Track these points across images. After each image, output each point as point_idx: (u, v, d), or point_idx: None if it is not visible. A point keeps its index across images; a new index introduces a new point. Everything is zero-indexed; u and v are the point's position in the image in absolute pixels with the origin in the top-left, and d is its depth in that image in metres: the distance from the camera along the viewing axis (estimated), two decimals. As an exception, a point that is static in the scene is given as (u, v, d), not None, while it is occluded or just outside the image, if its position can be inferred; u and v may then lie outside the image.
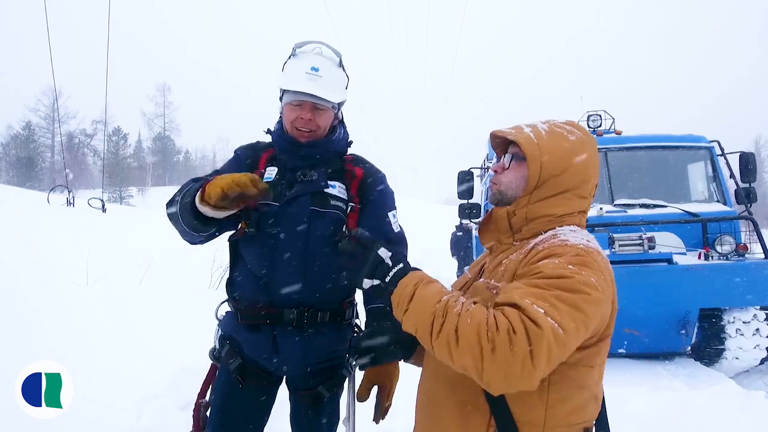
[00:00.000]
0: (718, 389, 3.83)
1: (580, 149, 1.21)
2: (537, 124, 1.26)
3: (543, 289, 1.00)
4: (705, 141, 5.47)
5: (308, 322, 1.68)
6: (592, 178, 1.24)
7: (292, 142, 1.75)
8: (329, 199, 1.73)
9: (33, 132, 48.51)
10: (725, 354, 4.68)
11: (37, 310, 3.69)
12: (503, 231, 1.28)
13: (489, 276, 1.25)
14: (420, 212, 24.76)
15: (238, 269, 1.78)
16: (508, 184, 1.27)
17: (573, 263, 1.04)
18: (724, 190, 5.31)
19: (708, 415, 3.41)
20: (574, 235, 1.14)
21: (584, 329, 1.01)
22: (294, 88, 1.69)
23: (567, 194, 1.20)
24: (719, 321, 4.65)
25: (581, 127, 1.28)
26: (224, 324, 1.82)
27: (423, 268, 1.26)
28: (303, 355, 1.70)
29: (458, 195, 5.67)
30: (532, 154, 1.19)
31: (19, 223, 6.51)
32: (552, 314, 0.96)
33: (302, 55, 1.78)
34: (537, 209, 1.21)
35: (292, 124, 1.73)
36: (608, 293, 1.06)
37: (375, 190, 1.84)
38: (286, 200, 1.68)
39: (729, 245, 4.62)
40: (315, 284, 1.69)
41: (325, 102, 1.72)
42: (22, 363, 1.46)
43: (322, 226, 1.69)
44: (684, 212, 4.80)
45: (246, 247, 1.73)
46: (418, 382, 1.34)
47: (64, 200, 10.71)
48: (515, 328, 0.94)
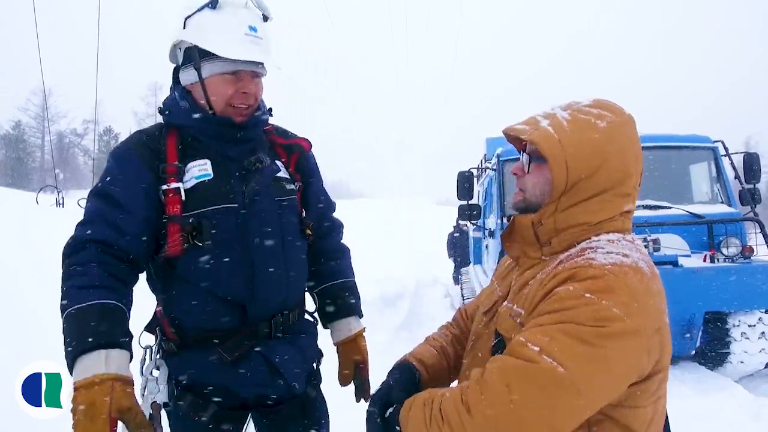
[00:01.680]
0: (726, 395, 3.75)
1: (615, 137, 0.98)
2: (556, 112, 1.03)
3: (546, 325, 0.86)
4: (709, 141, 5.39)
5: (283, 329, 1.45)
6: (635, 169, 1.00)
7: (228, 124, 1.40)
8: (283, 183, 1.48)
9: (23, 131, 47.96)
10: (730, 358, 4.59)
11: (37, 310, 3.65)
12: (529, 243, 1.08)
13: (513, 299, 1.07)
14: (417, 212, 24.73)
15: (184, 293, 1.37)
16: (533, 190, 1.06)
17: (592, 290, 0.86)
18: (729, 191, 5.23)
19: (717, 422, 3.32)
20: (609, 248, 0.95)
21: (602, 369, 0.83)
22: (235, 56, 1.32)
23: (605, 195, 0.98)
24: (724, 324, 4.56)
25: (613, 106, 1.04)
26: (178, 369, 1.39)
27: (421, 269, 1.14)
28: (303, 364, 1.50)
29: (458, 196, 5.57)
30: (554, 154, 0.97)
31: (14, 224, 6.38)
32: (550, 350, 0.82)
33: (229, 7, 1.37)
34: (568, 217, 1.00)
35: (227, 101, 1.38)
36: (644, 322, 0.87)
37: (313, 163, 1.65)
38: (248, 198, 1.38)
39: (735, 247, 4.54)
40: (296, 284, 1.50)
41: (262, 69, 1.41)
42: (22, 363, 1.41)
43: (290, 218, 1.47)
44: (689, 214, 4.72)
45: (194, 265, 1.34)
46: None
47: (53, 201, 10.53)
48: (487, 374, 0.85)
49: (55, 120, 46.86)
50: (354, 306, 1.66)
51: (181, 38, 1.39)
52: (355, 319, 1.66)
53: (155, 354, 1.43)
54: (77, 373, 1.12)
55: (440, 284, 10.78)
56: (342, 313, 1.64)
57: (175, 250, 1.32)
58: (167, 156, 1.36)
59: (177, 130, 1.42)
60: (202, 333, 1.38)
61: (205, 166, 1.38)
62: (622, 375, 0.87)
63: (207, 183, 1.36)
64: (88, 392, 1.08)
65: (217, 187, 1.36)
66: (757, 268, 4.36)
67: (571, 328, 0.84)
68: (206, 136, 1.41)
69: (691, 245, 4.78)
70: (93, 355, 1.13)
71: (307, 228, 1.55)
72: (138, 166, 1.34)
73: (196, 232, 1.32)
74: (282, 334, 1.45)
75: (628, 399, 0.91)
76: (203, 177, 1.36)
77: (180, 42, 1.41)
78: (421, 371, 1.22)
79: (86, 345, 1.13)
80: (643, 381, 0.92)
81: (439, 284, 10.75)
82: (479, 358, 1.12)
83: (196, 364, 1.37)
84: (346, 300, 1.65)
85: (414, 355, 1.27)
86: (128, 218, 1.31)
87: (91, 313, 1.18)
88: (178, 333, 1.39)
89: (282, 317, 1.45)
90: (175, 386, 1.38)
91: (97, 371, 1.11)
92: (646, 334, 0.87)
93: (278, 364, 1.40)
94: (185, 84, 1.44)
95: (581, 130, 0.98)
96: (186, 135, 1.41)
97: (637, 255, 0.95)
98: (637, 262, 0.93)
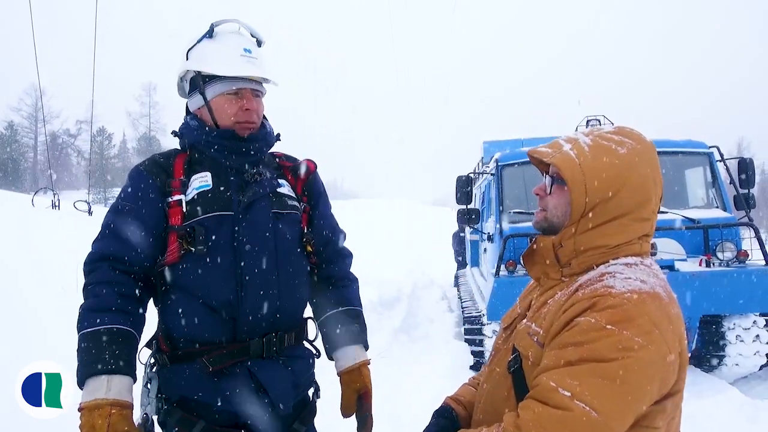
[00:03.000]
0: (721, 397, 3.80)
1: (634, 163, 1.02)
2: (579, 137, 1.08)
3: (573, 365, 0.90)
4: (704, 146, 5.46)
5: (277, 350, 1.45)
6: (654, 194, 1.05)
7: (233, 137, 1.47)
8: (285, 199, 1.53)
9: (15, 132, 47.58)
10: (725, 360, 4.67)
11: (37, 310, 3.66)
12: (550, 264, 1.12)
13: (533, 317, 1.11)
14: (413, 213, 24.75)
15: (177, 303, 1.41)
16: (554, 211, 1.11)
17: (613, 321, 0.90)
18: (724, 196, 5.30)
19: (712, 424, 3.37)
20: (627, 272, 0.98)
21: (631, 402, 0.89)
22: (233, 73, 1.43)
23: (623, 219, 1.03)
24: (719, 328, 4.63)
25: (634, 133, 1.08)
26: (168, 383, 1.42)
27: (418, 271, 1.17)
28: (293, 386, 1.47)
29: (457, 201, 5.61)
30: (574, 177, 1.02)
31: (12, 226, 6.36)
32: (581, 395, 0.86)
33: (224, 35, 1.50)
34: (587, 240, 1.04)
35: (233, 118, 1.47)
36: (663, 348, 0.90)
37: (321, 187, 1.69)
38: (243, 206, 1.43)
39: (730, 252, 4.60)
40: (290, 301, 1.49)
41: (261, 88, 1.52)
42: (22, 363, 1.44)
43: (287, 231, 1.49)
44: (685, 218, 4.78)
45: (188, 272, 1.39)
46: None
47: (49, 203, 10.47)
48: (522, 424, 0.89)
49: (48, 120, 46.55)
50: (359, 335, 1.62)
51: (186, 68, 1.51)
52: (360, 347, 1.61)
53: (148, 368, 1.47)
54: (84, 395, 1.25)
55: (437, 286, 10.79)
56: (346, 341, 1.60)
57: (172, 258, 1.39)
58: (174, 172, 1.47)
59: (188, 152, 1.52)
60: (193, 345, 1.40)
61: (206, 177, 1.46)
62: (648, 401, 0.91)
63: (206, 193, 1.43)
64: (90, 415, 1.22)
65: (215, 196, 1.43)
66: (751, 272, 4.43)
67: (597, 369, 0.87)
68: (211, 149, 1.48)
69: (687, 250, 4.84)
70: (97, 380, 1.25)
71: (308, 244, 1.56)
72: (148, 181, 1.44)
73: (190, 239, 1.37)
74: (276, 356, 1.45)
75: (645, 419, 0.94)
76: (203, 187, 1.44)
77: (185, 73, 1.54)
78: (458, 410, 1.28)
79: (92, 370, 1.25)
80: (660, 402, 0.95)
81: (435, 286, 10.76)
82: (496, 373, 1.16)
83: (183, 376, 1.39)
84: (351, 328, 1.60)
85: (452, 397, 1.34)
86: (137, 230, 1.39)
87: (99, 339, 1.29)
88: (170, 345, 1.43)
89: (276, 337, 1.45)
90: (164, 402, 1.41)
91: (98, 396, 1.23)
92: (667, 360, 0.91)
93: (264, 381, 1.39)
94: (193, 109, 1.55)
95: (601, 155, 1.03)
96: (195, 153, 1.51)
97: (654, 281, 0.98)
98: (654, 288, 0.96)
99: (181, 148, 1.55)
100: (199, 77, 1.47)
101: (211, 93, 1.47)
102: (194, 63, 1.48)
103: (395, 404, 3.75)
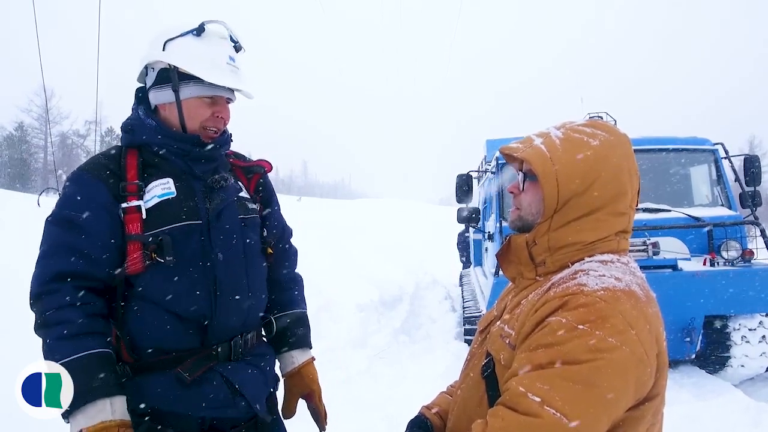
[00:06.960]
0: (726, 399, 3.74)
1: (607, 155, 0.98)
2: (550, 131, 1.04)
3: (543, 368, 0.85)
4: (709, 143, 5.36)
5: (242, 351, 1.45)
6: (630, 187, 1.00)
7: (197, 143, 1.42)
8: (246, 203, 1.52)
9: (26, 133, 48.07)
10: (730, 362, 4.57)
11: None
12: (524, 263, 1.07)
13: (506, 319, 1.07)
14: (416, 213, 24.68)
15: (142, 312, 1.34)
16: (528, 208, 1.07)
17: (585, 320, 0.85)
18: (729, 193, 5.21)
19: (717, 426, 3.31)
20: (602, 270, 0.94)
21: (604, 407, 0.83)
22: (219, 82, 1.38)
23: (598, 214, 0.98)
24: (724, 328, 4.53)
25: (607, 126, 1.04)
26: (136, 395, 1.33)
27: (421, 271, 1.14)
28: (264, 384, 1.49)
29: (457, 199, 5.56)
30: (545, 171, 0.98)
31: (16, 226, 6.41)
32: (551, 401, 0.81)
33: (213, 38, 1.44)
34: (561, 237, 1.00)
35: (202, 123, 1.43)
36: (639, 349, 0.85)
37: (272, 187, 1.70)
38: (213, 214, 1.39)
39: (735, 251, 4.52)
40: (257, 304, 1.50)
41: (234, 96, 1.49)
42: (22, 363, 1.40)
43: (251, 236, 1.49)
44: (689, 217, 4.69)
45: (155, 282, 1.33)
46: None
47: (54, 203, 10.53)
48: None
49: (57, 121, 46.95)
50: (301, 338, 1.65)
51: (160, 59, 1.41)
52: (300, 351, 1.64)
53: None
54: (82, 420, 1.22)
55: (441, 286, 10.71)
56: (288, 345, 1.63)
57: (135, 268, 1.31)
58: (127, 174, 1.37)
59: (137, 149, 1.43)
60: (161, 354, 1.35)
61: (168, 184, 1.38)
62: (623, 405, 0.86)
63: (170, 201, 1.37)
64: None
65: (181, 204, 1.37)
66: (757, 271, 4.35)
67: (568, 371, 0.82)
68: (173, 154, 1.42)
69: (691, 249, 4.76)
70: (96, 405, 1.22)
71: (268, 247, 1.59)
72: (96, 186, 1.33)
73: (158, 249, 1.31)
74: (242, 356, 1.45)
75: (623, 424, 0.89)
76: (166, 195, 1.37)
77: (155, 62, 1.43)
78: (433, 419, 1.25)
79: (91, 396, 1.22)
80: (637, 407, 0.90)
81: (440, 286, 10.68)
82: (470, 378, 1.11)
83: (153, 387, 1.33)
84: (294, 331, 1.64)
85: (427, 406, 1.31)
86: (93, 242, 1.30)
87: (82, 367, 1.23)
88: (134, 356, 1.36)
89: (242, 339, 1.45)
90: (131, 414, 1.31)
91: (104, 418, 1.22)
92: (644, 361, 0.86)
93: (239, 384, 1.39)
94: (157, 103, 1.46)
95: (573, 148, 0.99)
96: (148, 153, 1.42)
97: (630, 278, 0.93)
98: (630, 286, 0.91)
99: (125, 145, 1.45)
100: (174, 73, 1.39)
101: (186, 93, 1.40)
102: (174, 57, 1.39)
103: (395, 404, 3.71)
